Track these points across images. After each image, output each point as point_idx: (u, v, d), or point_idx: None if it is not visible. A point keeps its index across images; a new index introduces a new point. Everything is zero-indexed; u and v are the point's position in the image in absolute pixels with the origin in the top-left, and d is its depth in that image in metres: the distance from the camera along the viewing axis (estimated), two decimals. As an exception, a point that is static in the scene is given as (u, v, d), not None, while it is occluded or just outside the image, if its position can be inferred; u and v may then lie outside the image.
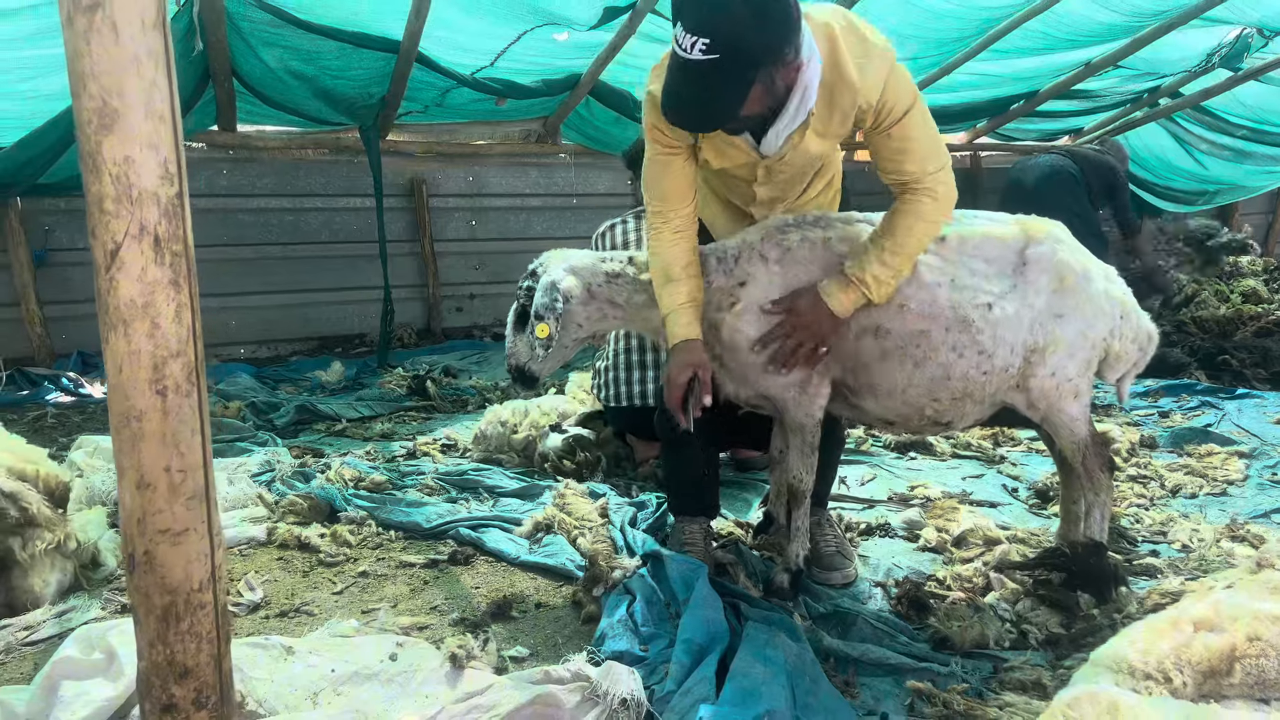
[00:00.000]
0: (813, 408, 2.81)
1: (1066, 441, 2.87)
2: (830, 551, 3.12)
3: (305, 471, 4.10)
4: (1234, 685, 1.99)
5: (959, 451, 4.61)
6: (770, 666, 2.25)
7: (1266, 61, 7.64)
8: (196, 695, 1.64)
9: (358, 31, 5.74)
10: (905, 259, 2.61)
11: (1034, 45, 7.19)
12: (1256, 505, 3.77)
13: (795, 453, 2.89)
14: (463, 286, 7.84)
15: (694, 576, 2.70)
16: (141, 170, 1.45)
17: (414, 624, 2.77)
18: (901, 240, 2.58)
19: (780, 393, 2.78)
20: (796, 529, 2.96)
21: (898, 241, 2.58)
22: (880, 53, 2.49)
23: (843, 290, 2.62)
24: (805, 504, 2.95)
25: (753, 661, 2.27)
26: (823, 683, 2.29)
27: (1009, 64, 7.59)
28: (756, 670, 2.23)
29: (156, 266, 1.49)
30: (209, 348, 6.83)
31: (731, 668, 2.25)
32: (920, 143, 2.56)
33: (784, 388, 2.76)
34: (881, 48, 2.50)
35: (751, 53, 2.24)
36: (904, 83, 2.52)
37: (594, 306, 2.80)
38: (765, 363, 2.72)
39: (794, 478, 2.92)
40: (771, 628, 2.49)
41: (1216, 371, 6.10)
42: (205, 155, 6.83)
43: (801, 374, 2.74)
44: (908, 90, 2.52)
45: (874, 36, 2.51)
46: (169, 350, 1.51)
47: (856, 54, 2.48)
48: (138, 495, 1.54)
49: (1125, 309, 2.86)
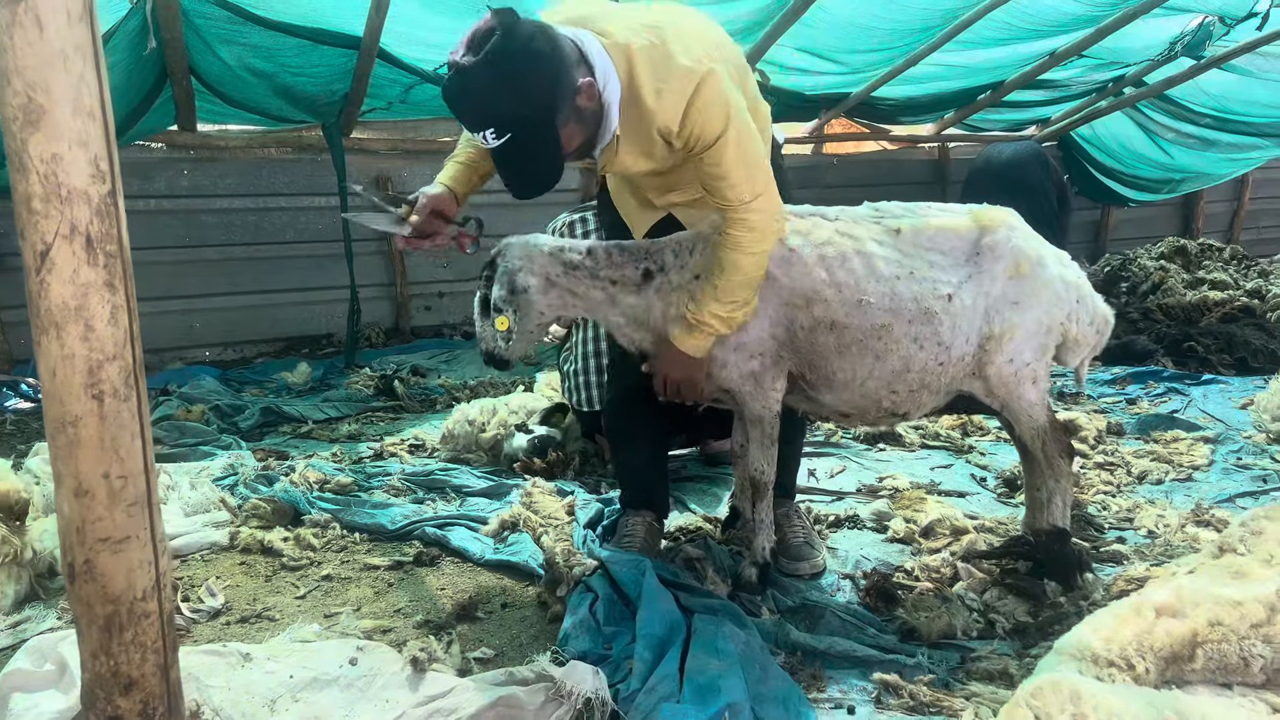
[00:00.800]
0: (769, 400, 2.80)
1: (1026, 428, 2.88)
2: (798, 542, 3.12)
3: (269, 475, 4.04)
4: (1196, 671, 2.00)
5: (928, 442, 4.61)
6: (724, 659, 2.26)
7: (1229, 49, 7.69)
8: (143, 707, 1.61)
9: (317, 28, 5.64)
10: (741, 289, 2.56)
11: (999, 36, 7.21)
12: (1221, 490, 3.80)
13: (755, 445, 2.88)
14: (431, 285, 7.77)
15: (639, 571, 2.71)
16: (70, 168, 1.40)
17: (377, 627, 2.74)
18: (730, 277, 2.53)
19: (737, 386, 2.77)
20: (761, 522, 2.96)
21: (727, 278, 2.54)
22: (684, 73, 2.35)
23: (688, 334, 2.63)
24: (768, 497, 2.94)
25: (706, 657, 2.27)
26: (771, 668, 2.32)
27: (975, 55, 7.60)
28: (711, 665, 2.23)
29: (89, 268, 1.44)
30: (172, 351, 6.80)
31: (687, 666, 2.23)
32: (734, 170, 2.44)
33: (740, 381, 2.75)
34: (686, 68, 2.36)
35: (534, 114, 2.30)
36: (715, 106, 2.37)
37: (554, 294, 2.74)
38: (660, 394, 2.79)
39: (755, 470, 2.90)
40: (718, 618, 2.49)
41: (1183, 358, 6.14)
42: (165, 156, 6.71)
43: (756, 367, 2.73)
44: (719, 114, 2.38)
45: (684, 55, 2.37)
46: (104, 354, 1.47)
47: (656, 76, 2.38)
48: (76, 503, 1.50)
49: (1081, 293, 2.87)
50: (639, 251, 2.76)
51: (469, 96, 2.31)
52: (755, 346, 2.72)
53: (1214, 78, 8.24)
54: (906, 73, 7.65)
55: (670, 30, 2.43)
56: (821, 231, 2.70)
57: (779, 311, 2.69)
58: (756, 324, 2.69)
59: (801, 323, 2.69)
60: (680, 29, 2.45)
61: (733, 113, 2.40)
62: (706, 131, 2.39)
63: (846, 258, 2.66)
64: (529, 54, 2.27)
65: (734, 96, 2.42)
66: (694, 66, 2.36)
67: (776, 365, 2.75)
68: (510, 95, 2.26)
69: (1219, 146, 9.19)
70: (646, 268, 2.73)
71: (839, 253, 2.67)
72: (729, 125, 2.40)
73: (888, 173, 9.51)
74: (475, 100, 2.31)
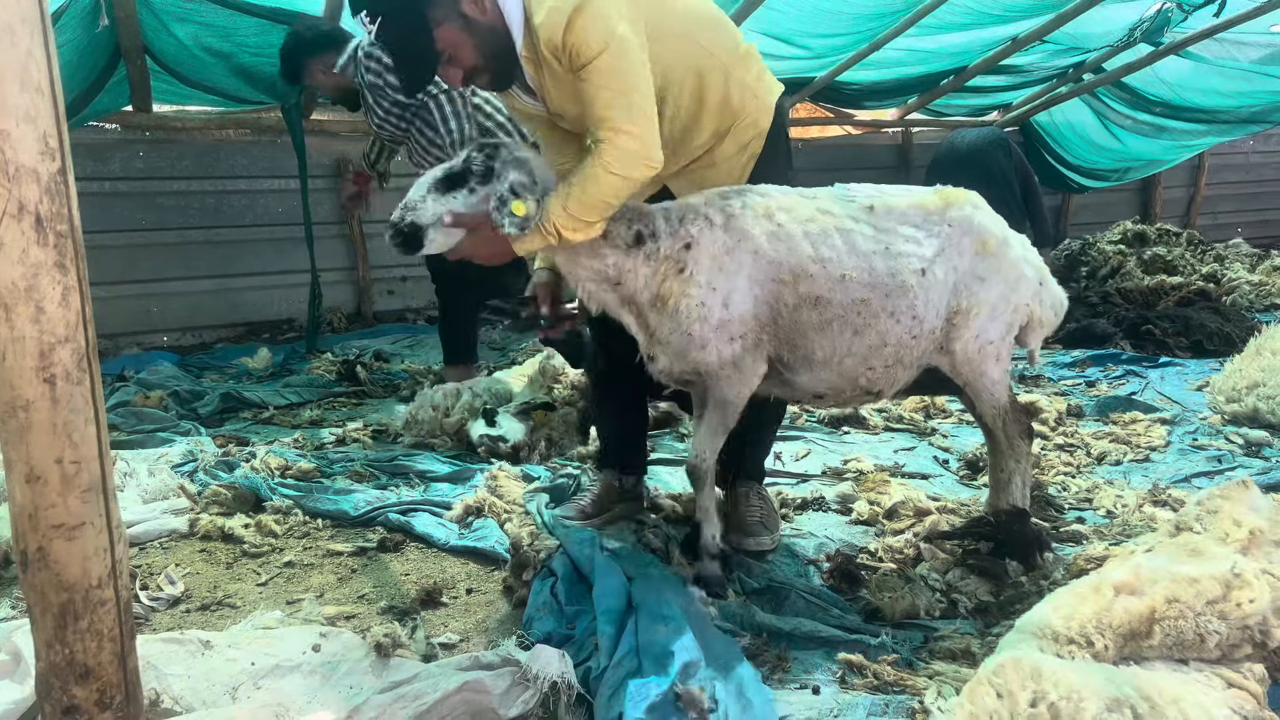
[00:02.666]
0: (745, 387, 2.73)
1: (987, 406, 2.90)
2: (753, 520, 3.12)
3: (229, 461, 3.98)
4: (1154, 647, 2.03)
5: (891, 425, 4.65)
6: (671, 623, 2.31)
7: (1187, 35, 7.77)
8: (100, 696, 1.58)
9: (275, 7, 5.55)
10: (593, 208, 2.51)
11: (961, 21, 7.25)
12: (1178, 470, 3.87)
13: (705, 429, 2.79)
14: (393, 269, 7.68)
15: (588, 545, 2.74)
16: (18, 145, 1.37)
17: (340, 614, 2.71)
18: (587, 187, 2.49)
19: (715, 369, 2.68)
20: (705, 510, 2.86)
21: (583, 188, 2.49)
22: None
23: (522, 236, 2.54)
24: (709, 484, 2.84)
25: (655, 625, 2.30)
26: (709, 629, 2.40)
27: (938, 40, 7.64)
28: (660, 631, 2.27)
29: (39, 248, 1.41)
30: (129, 336, 6.68)
31: (639, 641, 2.24)
32: (605, 90, 2.47)
33: (719, 365, 2.67)
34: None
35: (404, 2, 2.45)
36: (594, 26, 2.43)
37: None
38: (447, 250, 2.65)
39: (696, 456, 2.81)
40: (658, 585, 2.55)
41: (1141, 341, 6.23)
42: (120, 137, 6.57)
43: (737, 351, 2.67)
44: (598, 35, 2.43)
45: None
46: (56, 336, 1.44)
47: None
48: (28, 489, 1.47)
49: (1043, 275, 2.92)
50: (631, 211, 2.66)
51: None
52: (738, 328, 2.64)
53: (1170, 65, 8.33)
54: (870, 57, 7.66)
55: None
56: (804, 209, 2.69)
57: (765, 289, 2.64)
58: (742, 303, 2.63)
59: (786, 300, 2.65)
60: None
61: (614, 41, 2.45)
62: (585, 49, 2.44)
63: (828, 233, 2.66)
64: None
65: (619, 26, 2.46)
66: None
67: (757, 348, 2.70)
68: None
69: (1170, 133, 9.30)
70: (639, 230, 2.64)
71: (821, 229, 2.66)
72: (608, 46, 2.44)
73: (852, 157, 9.53)
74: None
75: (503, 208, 2.47)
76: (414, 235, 2.56)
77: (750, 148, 2.93)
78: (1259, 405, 4.37)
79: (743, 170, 2.93)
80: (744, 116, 2.86)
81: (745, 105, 2.85)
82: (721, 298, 2.61)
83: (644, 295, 2.67)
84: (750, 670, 2.20)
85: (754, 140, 2.92)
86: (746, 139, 2.91)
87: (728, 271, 2.61)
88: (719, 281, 2.61)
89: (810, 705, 2.22)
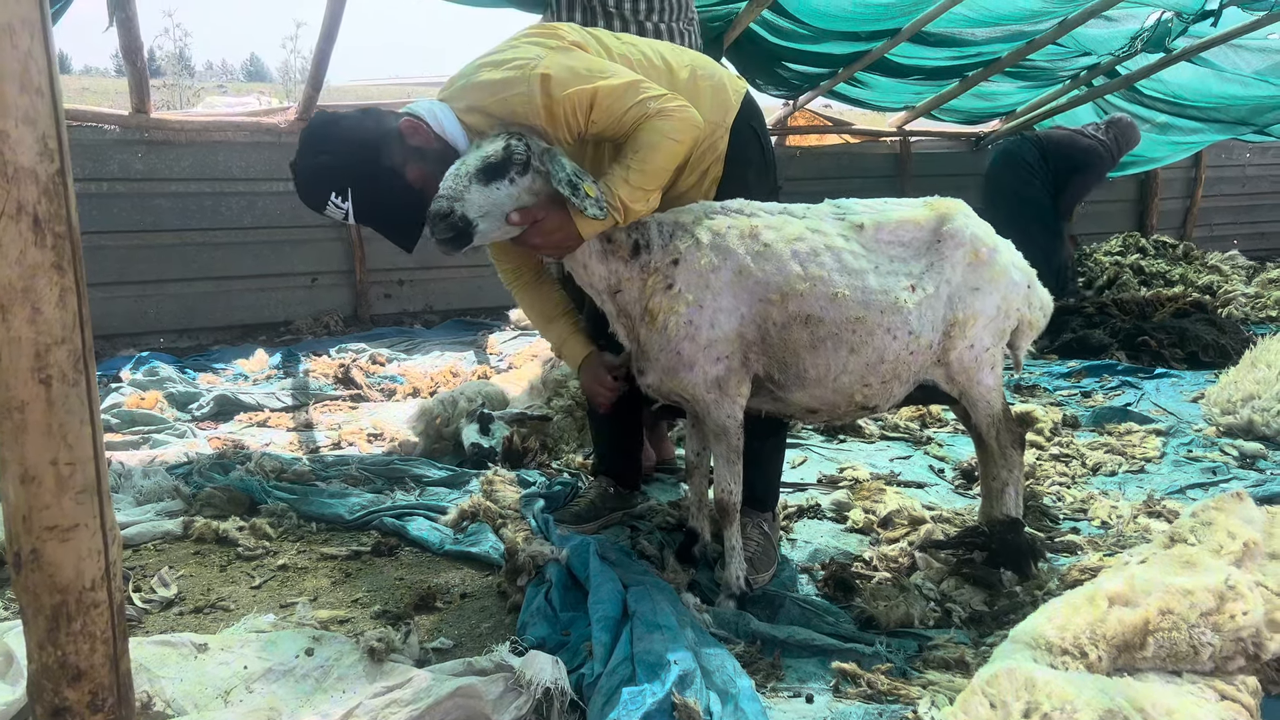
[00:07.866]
0: (734, 409, 2.69)
1: (983, 415, 2.91)
2: (748, 556, 2.92)
3: (224, 463, 3.97)
4: (1147, 658, 2.03)
5: (887, 433, 4.65)
6: (667, 632, 2.30)
7: (1200, 41, 7.76)
8: (91, 698, 1.57)
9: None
10: (654, 176, 2.55)
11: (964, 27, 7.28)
12: (1173, 481, 3.87)
13: (721, 463, 2.75)
14: (391, 272, 7.68)
15: (584, 551, 2.74)
16: (17, 146, 1.36)
17: (334, 618, 2.71)
18: (646, 157, 2.52)
19: (701, 394, 2.66)
20: (732, 549, 2.79)
21: (644, 160, 2.52)
22: (518, 79, 2.51)
23: (591, 218, 2.50)
24: (738, 519, 2.79)
25: (650, 633, 2.29)
26: (705, 638, 2.40)
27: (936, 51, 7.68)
28: (656, 639, 2.26)
29: (37, 249, 1.40)
30: (125, 337, 6.67)
31: (634, 649, 2.23)
32: (623, 100, 2.52)
33: (705, 389, 2.65)
34: (511, 77, 2.53)
35: (360, 164, 2.58)
36: (567, 81, 2.50)
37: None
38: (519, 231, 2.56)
39: (723, 491, 2.77)
40: (653, 592, 2.54)
41: (1136, 352, 6.24)
42: (120, 138, 6.57)
43: (721, 372, 2.64)
44: (575, 81, 2.50)
45: (507, 70, 2.55)
46: (52, 337, 1.43)
47: (495, 90, 2.56)
48: (22, 490, 1.46)
49: (1030, 279, 2.95)
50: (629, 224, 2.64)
51: (305, 182, 2.63)
52: (724, 347, 2.62)
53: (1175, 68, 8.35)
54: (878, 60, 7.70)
55: (488, 58, 2.64)
56: (792, 228, 2.69)
57: (751, 308, 2.63)
58: (727, 322, 2.61)
59: (774, 319, 2.63)
60: (491, 56, 2.65)
61: (594, 70, 2.55)
62: (579, 100, 2.51)
63: (817, 252, 2.65)
64: (330, 122, 2.65)
65: (575, 63, 2.55)
66: (518, 75, 2.52)
67: (743, 368, 2.68)
68: (331, 158, 2.58)
69: (1169, 131, 9.32)
70: (636, 240, 2.64)
71: (810, 248, 2.65)
72: (593, 79, 2.52)
73: (849, 165, 9.55)
74: (310, 179, 2.62)
75: (577, 192, 2.42)
76: (466, 229, 2.42)
77: (710, 172, 2.92)
78: (1254, 417, 4.38)
79: (705, 195, 2.92)
80: (698, 147, 2.83)
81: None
82: (709, 316, 2.60)
83: (636, 308, 2.67)
84: (747, 682, 2.19)
85: (713, 165, 2.91)
86: (705, 165, 2.90)
87: (714, 290, 2.60)
88: (706, 299, 2.60)
89: (804, 714, 2.22)
